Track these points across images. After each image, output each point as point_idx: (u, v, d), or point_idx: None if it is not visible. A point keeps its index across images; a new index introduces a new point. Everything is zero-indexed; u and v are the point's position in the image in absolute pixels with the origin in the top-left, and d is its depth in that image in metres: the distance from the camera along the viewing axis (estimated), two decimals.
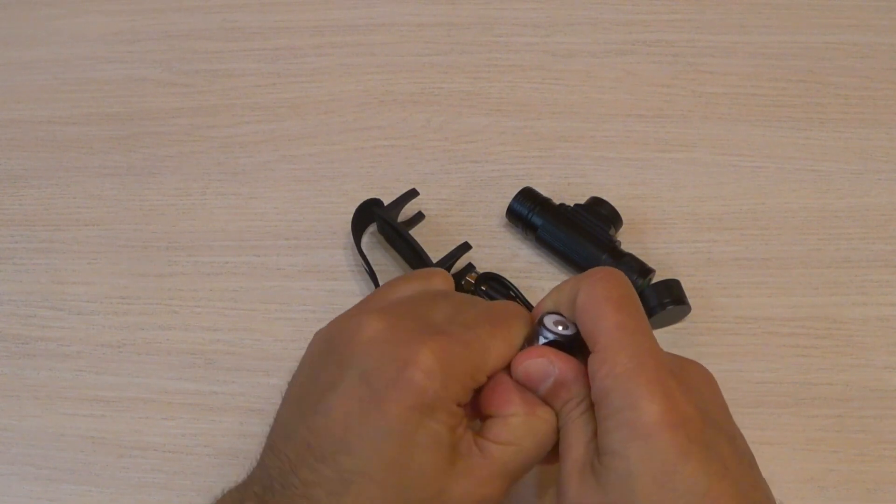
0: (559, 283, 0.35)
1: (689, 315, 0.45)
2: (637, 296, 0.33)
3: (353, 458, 0.30)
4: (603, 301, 0.32)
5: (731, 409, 0.42)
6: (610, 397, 0.30)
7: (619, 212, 0.47)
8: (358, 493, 0.29)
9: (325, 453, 0.30)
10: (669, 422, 0.29)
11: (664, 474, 0.29)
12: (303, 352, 0.46)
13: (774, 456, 0.41)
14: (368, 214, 0.48)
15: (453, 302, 0.35)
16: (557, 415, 0.33)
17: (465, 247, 0.45)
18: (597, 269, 0.35)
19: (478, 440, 0.32)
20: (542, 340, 0.34)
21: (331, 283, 0.48)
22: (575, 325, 0.33)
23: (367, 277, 0.47)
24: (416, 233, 0.48)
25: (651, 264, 0.45)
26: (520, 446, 0.32)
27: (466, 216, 0.50)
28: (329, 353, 0.33)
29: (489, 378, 0.33)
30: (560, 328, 0.33)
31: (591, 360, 0.31)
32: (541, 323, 0.34)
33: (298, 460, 0.30)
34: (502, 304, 0.36)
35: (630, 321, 0.32)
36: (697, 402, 0.31)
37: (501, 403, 0.33)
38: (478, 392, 0.33)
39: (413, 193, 0.48)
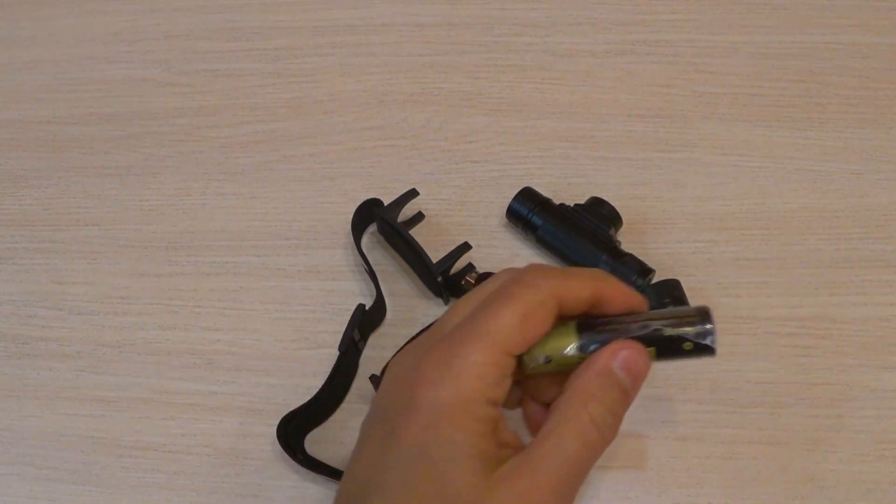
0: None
1: None
2: None
3: (384, 496, 0.29)
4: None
5: (731, 409, 0.43)
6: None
7: (619, 212, 0.47)
8: None
9: (360, 500, 0.29)
10: None
11: None
12: (303, 352, 0.46)
13: (774, 456, 0.41)
14: (368, 214, 0.48)
15: (481, 292, 0.33)
16: None
17: (465, 247, 0.45)
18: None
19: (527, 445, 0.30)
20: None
21: (331, 283, 0.48)
22: None
23: (367, 277, 0.47)
24: (416, 233, 0.48)
25: (651, 264, 0.45)
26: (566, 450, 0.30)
27: (466, 216, 0.50)
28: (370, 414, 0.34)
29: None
30: None
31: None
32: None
33: None
34: (511, 279, 0.32)
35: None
36: None
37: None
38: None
39: (413, 193, 0.48)
